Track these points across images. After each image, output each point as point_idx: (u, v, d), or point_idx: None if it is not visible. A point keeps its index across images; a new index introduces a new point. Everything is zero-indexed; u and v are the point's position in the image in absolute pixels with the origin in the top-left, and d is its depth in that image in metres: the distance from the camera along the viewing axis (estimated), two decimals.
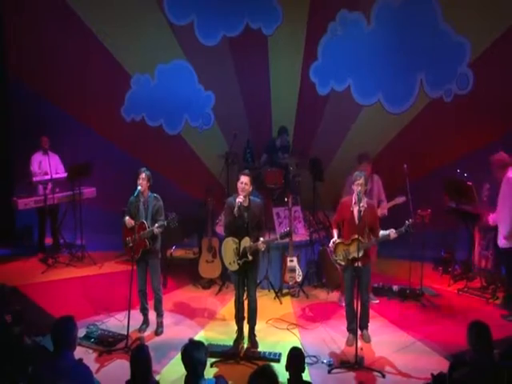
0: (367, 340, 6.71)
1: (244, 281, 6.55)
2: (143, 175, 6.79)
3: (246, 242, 6.33)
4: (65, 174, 9.60)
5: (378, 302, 7.82)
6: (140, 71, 10.37)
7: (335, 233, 6.75)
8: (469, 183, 7.99)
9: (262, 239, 6.40)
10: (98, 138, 10.27)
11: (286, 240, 7.81)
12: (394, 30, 9.45)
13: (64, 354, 4.09)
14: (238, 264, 6.38)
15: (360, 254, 6.31)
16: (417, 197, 7.72)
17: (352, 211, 6.51)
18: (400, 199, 7.83)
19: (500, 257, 7.77)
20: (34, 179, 9.43)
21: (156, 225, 6.72)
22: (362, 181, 6.43)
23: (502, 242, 7.29)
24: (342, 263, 6.60)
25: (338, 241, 6.60)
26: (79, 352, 5.19)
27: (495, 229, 7.49)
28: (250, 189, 6.45)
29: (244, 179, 6.39)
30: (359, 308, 6.50)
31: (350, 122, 9.92)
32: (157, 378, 5.05)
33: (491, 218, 7.54)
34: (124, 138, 10.39)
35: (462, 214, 8.42)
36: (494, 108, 8.92)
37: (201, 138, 10.52)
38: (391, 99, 9.67)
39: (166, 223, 6.75)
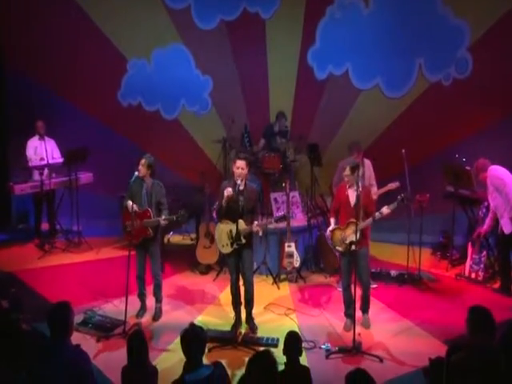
0: (367, 326, 6.68)
1: (239, 265, 6.54)
2: (143, 161, 6.74)
3: (241, 224, 6.31)
4: (61, 159, 9.54)
5: (376, 286, 7.80)
6: (136, 55, 10.27)
7: (332, 221, 6.75)
8: (467, 168, 7.98)
9: (256, 222, 6.41)
10: (94, 123, 10.19)
11: (284, 225, 7.81)
12: (393, 14, 9.37)
13: (61, 339, 4.07)
14: (232, 246, 6.38)
15: (358, 237, 6.28)
16: (415, 182, 7.70)
17: (347, 195, 6.53)
18: (393, 185, 7.76)
19: (502, 243, 7.76)
20: (30, 164, 9.38)
21: (163, 217, 6.69)
22: (347, 172, 6.50)
23: (507, 228, 7.39)
24: (340, 249, 6.60)
25: (335, 227, 6.62)
26: (77, 338, 5.16)
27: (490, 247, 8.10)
28: (246, 172, 6.44)
29: (240, 164, 6.38)
30: (358, 292, 6.45)
31: (349, 107, 9.85)
32: (155, 363, 5.02)
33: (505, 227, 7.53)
34: (121, 123, 10.31)
35: (460, 198, 8.43)
36: (493, 92, 8.88)
37: (198, 123, 10.43)
38: (390, 83, 9.61)
39: (174, 218, 6.71)
